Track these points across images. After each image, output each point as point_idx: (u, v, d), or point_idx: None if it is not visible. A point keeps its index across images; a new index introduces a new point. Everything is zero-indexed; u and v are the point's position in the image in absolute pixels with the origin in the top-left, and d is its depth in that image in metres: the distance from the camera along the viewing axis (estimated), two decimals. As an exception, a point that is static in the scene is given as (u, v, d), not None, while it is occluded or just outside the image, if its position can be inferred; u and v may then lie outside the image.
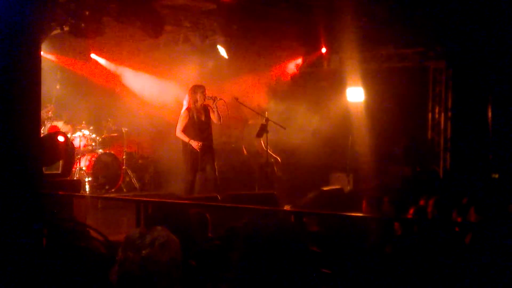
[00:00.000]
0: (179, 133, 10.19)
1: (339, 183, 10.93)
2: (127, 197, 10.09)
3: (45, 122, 11.89)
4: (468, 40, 11.39)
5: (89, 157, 12.25)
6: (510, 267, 4.62)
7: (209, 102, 10.15)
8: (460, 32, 11.39)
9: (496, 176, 11.20)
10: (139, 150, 13.83)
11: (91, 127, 12.78)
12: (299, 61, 13.96)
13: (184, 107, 10.22)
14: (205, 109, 10.23)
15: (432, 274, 4.90)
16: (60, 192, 7.51)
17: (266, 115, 10.87)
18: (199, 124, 10.16)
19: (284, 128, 11.39)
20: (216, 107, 10.16)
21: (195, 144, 10.04)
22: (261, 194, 10.03)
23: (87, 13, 10.72)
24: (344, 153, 12.94)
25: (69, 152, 9.56)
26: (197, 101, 10.11)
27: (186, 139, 10.11)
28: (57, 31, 10.82)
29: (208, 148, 10.25)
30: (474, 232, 5.50)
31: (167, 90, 12.98)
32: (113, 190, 12.20)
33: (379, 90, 12.93)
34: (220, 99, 10.19)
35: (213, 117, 10.24)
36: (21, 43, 5.50)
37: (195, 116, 10.13)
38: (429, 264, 4.98)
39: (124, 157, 12.78)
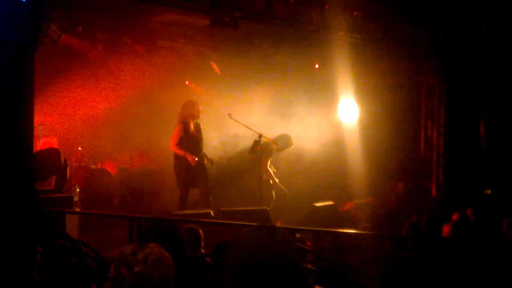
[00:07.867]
0: (174, 147, 10.17)
1: (332, 199, 10.88)
2: (120, 213, 10.06)
3: (39, 138, 11.86)
4: (461, 56, 11.44)
5: (82, 172, 12.21)
6: (501, 281, 4.63)
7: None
8: (452, 48, 11.44)
9: (489, 192, 11.20)
10: (132, 166, 13.78)
11: (85, 143, 12.76)
12: (292, 77, 13.96)
13: (178, 121, 10.25)
14: (197, 125, 10.34)
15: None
16: (53, 208, 7.49)
17: (259, 132, 10.81)
18: (193, 137, 10.20)
19: (277, 145, 11.40)
20: None
21: (191, 158, 10.05)
22: (254, 210, 9.99)
23: (80, 29, 10.75)
24: (337, 169, 12.92)
25: (62, 168, 9.54)
26: (191, 115, 10.17)
27: (181, 152, 10.12)
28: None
29: (201, 164, 10.29)
30: (466, 248, 5.51)
31: (160, 106, 12.95)
32: (106, 206, 12.15)
33: (372, 106, 12.94)
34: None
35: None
36: (14, 58, 5.51)
37: (189, 130, 10.17)
38: (421, 280, 4.99)
39: (117, 173, 12.74)
